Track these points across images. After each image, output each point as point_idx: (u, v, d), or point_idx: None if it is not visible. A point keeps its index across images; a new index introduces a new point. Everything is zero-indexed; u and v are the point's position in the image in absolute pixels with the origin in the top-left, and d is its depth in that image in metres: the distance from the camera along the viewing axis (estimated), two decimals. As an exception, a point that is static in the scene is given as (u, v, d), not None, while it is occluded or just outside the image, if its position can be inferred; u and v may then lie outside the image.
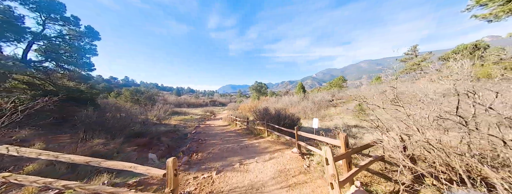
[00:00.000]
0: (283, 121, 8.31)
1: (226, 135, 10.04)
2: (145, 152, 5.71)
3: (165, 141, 7.20)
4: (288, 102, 21.64)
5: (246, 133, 9.79)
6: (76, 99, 8.66)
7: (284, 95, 28.21)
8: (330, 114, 17.72)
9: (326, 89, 27.72)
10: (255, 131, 9.26)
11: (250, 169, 4.11)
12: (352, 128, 9.90)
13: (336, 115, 16.62)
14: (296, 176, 3.52)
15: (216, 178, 3.78)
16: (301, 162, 4.25)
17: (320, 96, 20.98)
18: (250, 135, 9.12)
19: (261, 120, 9.21)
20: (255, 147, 6.40)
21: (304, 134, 4.94)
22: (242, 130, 10.79)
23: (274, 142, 6.88)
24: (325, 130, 10.16)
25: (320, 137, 3.86)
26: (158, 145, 6.65)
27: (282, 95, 29.07)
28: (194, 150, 6.37)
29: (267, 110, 9.76)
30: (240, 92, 65.91)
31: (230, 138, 8.90)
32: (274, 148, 6.09)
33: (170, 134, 10.07)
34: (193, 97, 67.34)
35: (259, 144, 6.81)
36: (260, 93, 35.85)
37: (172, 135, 9.93)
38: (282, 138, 7.30)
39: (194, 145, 7.29)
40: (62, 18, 8.18)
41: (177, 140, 9.16)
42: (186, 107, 39.14)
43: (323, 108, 19.27)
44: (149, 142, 6.52)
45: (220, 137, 9.29)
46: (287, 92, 31.71)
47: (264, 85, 37.27)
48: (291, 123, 8.20)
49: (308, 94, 23.26)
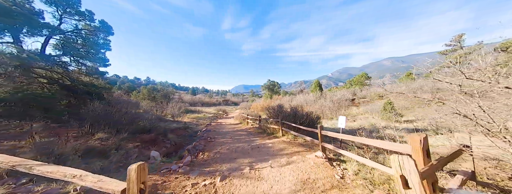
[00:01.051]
0: (300, 119, 7.27)
1: (236, 133, 9.32)
2: (149, 149, 5.22)
3: (172, 138, 6.72)
4: (303, 101, 20.25)
5: (258, 132, 8.95)
6: (91, 94, 8.73)
7: (298, 94, 26.78)
8: (352, 113, 15.99)
9: (346, 88, 25.56)
10: (268, 130, 8.36)
11: (263, 176, 3.24)
12: (383, 129, 8.41)
13: (360, 115, 14.88)
14: (328, 192, 2.55)
15: (219, 186, 2.99)
16: (330, 171, 3.25)
17: (339, 94, 19.21)
18: (263, 134, 8.26)
19: (275, 118, 8.29)
20: (268, 148, 5.51)
21: (331, 134, 3.91)
22: (254, 129, 9.97)
23: (290, 143, 5.91)
24: (349, 132, 8.80)
25: (365, 139, 2.71)
26: (164, 142, 6.17)
27: (296, 94, 27.65)
28: (200, 149, 5.71)
29: (281, 107, 8.79)
30: (253, 92, 65.52)
31: (240, 137, 8.14)
32: (291, 150, 5.13)
33: (180, 131, 9.69)
34: (207, 96, 68.80)
35: (272, 144, 5.90)
36: (273, 92, 34.76)
37: (182, 132, 9.53)
38: (299, 139, 6.30)
39: (202, 143, 6.67)
40: (77, 13, 8.26)
41: (186, 137, 8.70)
42: (200, 105, 40.02)
43: (343, 108, 17.54)
44: (155, 138, 6.09)
45: (230, 136, 8.59)
46: (302, 91, 30.09)
47: (277, 84, 36.07)
48: (310, 122, 7.13)
49: (325, 93, 21.56)
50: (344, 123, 5.24)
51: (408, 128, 8.34)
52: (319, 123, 7.37)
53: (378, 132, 7.80)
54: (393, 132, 7.54)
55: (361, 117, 14.56)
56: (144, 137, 5.78)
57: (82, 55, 8.46)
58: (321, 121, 7.86)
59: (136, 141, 5.41)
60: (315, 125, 7.32)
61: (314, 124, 7.26)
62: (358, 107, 18.39)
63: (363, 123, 11.69)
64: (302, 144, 5.74)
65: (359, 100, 19.66)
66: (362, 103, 18.76)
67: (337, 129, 8.79)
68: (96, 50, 8.74)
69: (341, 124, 5.35)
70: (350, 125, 11.99)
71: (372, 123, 11.13)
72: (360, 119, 13.87)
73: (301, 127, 5.64)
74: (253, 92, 65.91)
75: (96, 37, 8.69)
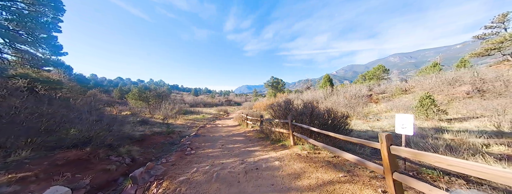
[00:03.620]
0: (318, 119, 4.92)
1: (231, 139, 7.05)
2: (56, 179, 2.98)
3: (131, 151, 4.53)
4: (312, 98, 17.76)
5: (259, 138, 6.64)
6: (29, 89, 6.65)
7: (305, 91, 24.29)
8: (372, 111, 13.41)
9: (359, 83, 22.84)
10: (272, 135, 6.02)
11: None
12: (435, 131, 5.90)
13: (383, 113, 12.30)
14: None
15: None
16: None
17: (354, 89, 16.62)
18: (265, 141, 5.95)
19: (282, 118, 5.96)
20: (274, 171, 3.20)
21: (408, 154, 1.56)
22: (254, 133, 7.67)
23: (309, 160, 3.58)
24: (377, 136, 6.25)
25: None
26: (107, 160, 3.95)
27: (303, 91, 25.17)
28: (159, 174, 3.47)
29: (289, 102, 6.44)
30: (256, 92, 63.34)
31: (234, 145, 5.87)
32: (318, 178, 2.79)
33: (159, 137, 7.52)
34: (210, 96, 67.12)
35: (281, 162, 3.58)
36: (277, 90, 32.35)
37: (160, 139, 7.34)
38: (323, 152, 3.94)
39: (172, 159, 4.43)
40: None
41: (162, 147, 6.51)
42: (202, 106, 38.46)
43: (360, 105, 14.97)
44: (89, 156, 3.78)
45: (222, 143, 6.34)
46: (309, 88, 27.52)
47: (281, 81, 33.62)
48: (331, 123, 4.76)
49: (337, 89, 18.99)
50: (411, 126, 2.86)
51: (471, 130, 5.77)
52: (347, 125, 4.98)
53: (432, 137, 5.29)
54: (466, 137, 4.92)
55: (386, 115, 11.97)
56: (68, 155, 3.57)
57: (22, 39, 6.12)
58: (350, 122, 5.44)
59: (53, 162, 3.24)
60: (341, 128, 4.93)
61: (340, 127, 4.89)
62: (377, 103, 15.73)
63: (393, 123, 9.17)
64: (333, 163, 3.39)
65: (378, 95, 16.98)
66: (381, 99, 16.10)
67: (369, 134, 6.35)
68: (42, 31, 6.43)
69: (403, 127, 2.97)
70: (376, 125, 9.48)
71: (409, 122, 8.60)
72: (385, 117, 11.31)
73: (329, 133, 3.29)
74: (256, 92, 63.66)
75: (40, 13, 6.39)
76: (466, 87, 12.02)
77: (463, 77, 12.45)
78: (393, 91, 16.33)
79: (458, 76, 12.77)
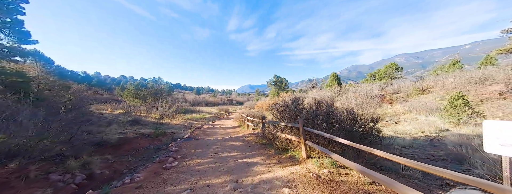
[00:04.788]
0: (340, 123, 3.71)
1: (227, 145, 5.90)
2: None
3: (93, 163, 3.42)
4: (318, 98, 16.47)
5: (260, 144, 5.47)
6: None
7: (310, 90, 22.97)
8: (388, 113, 12.06)
9: (368, 82, 21.36)
10: (276, 142, 4.83)
11: None
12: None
13: (401, 115, 10.94)
14: None
15: None
16: None
17: (365, 89, 15.26)
18: (267, 149, 4.78)
19: (289, 120, 4.78)
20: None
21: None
22: (255, 137, 6.51)
23: (335, 186, 2.39)
24: (419, 145, 4.96)
25: None
26: (45, 179, 2.80)
27: (308, 91, 23.85)
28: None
29: (298, 101, 5.24)
30: (258, 91, 62.19)
31: (229, 154, 4.72)
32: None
33: (143, 141, 6.44)
34: (212, 95, 66.34)
35: (293, 192, 2.41)
36: (280, 89, 31.10)
37: (144, 144, 6.27)
38: (352, 172, 2.75)
39: (141, 177, 3.31)
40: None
41: (144, 154, 5.42)
42: (204, 105, 37.78)
43: (373, 106, 13.61)
44: (16, 173, 2.59)
45: (215, 150, 5.21)
46: (314, 87, 26.16)
47: (284, 80, 32.31)
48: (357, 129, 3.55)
49: (346, 88, 17.63)
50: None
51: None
52: (379, 133, 3.75)
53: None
54: None
55: (404, 117, 10.61)
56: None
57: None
58: (381, 128, 4.14)
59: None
60: (373, 137, 3.70)
61: (370, 136, 3.66)
62: (392, 104, 14.32)
63: (419, 127, 7.85)
64: (368, 192, 2.19)
65: (391, 95, 15.55)
66: (396, 99, 14.68)
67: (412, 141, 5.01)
68: (3, 14, 5.23)
69: (503, 143, 1.74)
70: (398, 129, 8.19)
71: (439, 127, 7.27)
72: (404, 120, 9.97)
73: (367, 149, 2.10)
74: (259, 91, 62.47)
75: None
76: (499, 87, 10.56)
77: (494, 75, 10.93)
78: (408, 91, 14.86)
79: (487, 75, 11.26)
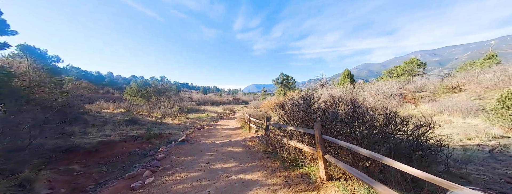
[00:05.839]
0: (372, 130, 2.56)
1: (223, 151, 4.91)
2: None
3: (37, 180, 2.58)
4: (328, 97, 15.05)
5: (262, 152, 4.42)
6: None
7: (320, 89, 21.48)
8: (413, 114, 10.48)
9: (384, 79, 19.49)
10: (283, 152, 3.74)
11: None
12: None
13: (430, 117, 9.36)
14: None
15: None
16: None
17: (384, 86, 13.66)
18: (272, 161, 3.72)
19: (300, 124, 3.67)
20: None
21: None
22: (257, 142, 5.45)
23: None
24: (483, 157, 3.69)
25: None
26: None
27: (317, 89, 22.36)
28: None
29: (309, 99, 4.11)
30: (264, 91, 61.03)
31: (223, 166, 3.72)
32: None
33: (130, 144, 5.63)
34: (218, 95, 66.23)
35: None
36: (287, 88, 29.77)
37: (130, 148, 5.45)
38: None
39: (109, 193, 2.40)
40: None
41: (126, 161, 4.58)
42: (210, 104, 37.57)
43: (393, 105, 12.06)
44: None
45: (208, 159, 4.24)
46: (323, 85, 24.57)
47: (291, 78, 30.90)
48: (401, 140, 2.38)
49: (360, 86, 16.04)
50: None
51: None
52: (441, 144, 2.56)
53: None
54: None
55: (436, 119, 9.05)
56: None
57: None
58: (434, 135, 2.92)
59: None
60: (416, 149, 2.52)
61: (415, 150, 2.48)
62: (415, 104, 12.65)
63: (461, 132, 6.37)
64: None
65: (414, 94, 13.79)
66: (420, 98, 12.96)
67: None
68: None
69: None
70: (434, 135, 6.73)
71: (491, 133, 5.77)
72: (438, 123, 8.42)
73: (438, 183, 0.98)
74: (265, 90, 61.26)
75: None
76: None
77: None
78: (435, 90, 13.08)
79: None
